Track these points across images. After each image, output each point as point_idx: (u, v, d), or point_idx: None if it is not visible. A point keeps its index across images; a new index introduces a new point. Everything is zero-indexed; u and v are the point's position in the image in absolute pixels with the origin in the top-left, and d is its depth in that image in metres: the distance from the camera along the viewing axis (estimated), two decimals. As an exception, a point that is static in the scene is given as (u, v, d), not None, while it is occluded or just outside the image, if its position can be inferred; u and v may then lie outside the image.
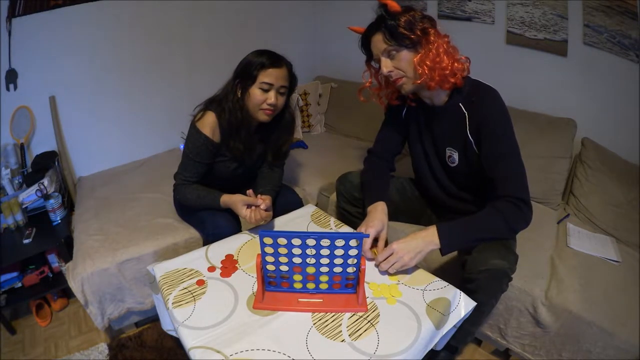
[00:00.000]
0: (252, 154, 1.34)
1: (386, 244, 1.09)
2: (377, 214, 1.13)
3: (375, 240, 1.10)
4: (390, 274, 1.01)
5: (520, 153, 1.07)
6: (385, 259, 1.00)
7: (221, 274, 1.01)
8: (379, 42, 1.05)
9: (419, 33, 1.02)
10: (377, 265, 1.02)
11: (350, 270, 0.89)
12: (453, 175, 1.24)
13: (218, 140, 1.26)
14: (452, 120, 1.13)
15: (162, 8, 2.03)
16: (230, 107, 1.21)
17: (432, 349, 0.90)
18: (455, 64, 1.03)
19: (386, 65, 1.06)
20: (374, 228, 1.08)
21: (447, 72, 1.02)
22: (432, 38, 1.02)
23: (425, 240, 1.01)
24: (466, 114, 1.10)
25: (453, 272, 1.12)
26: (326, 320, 0.87)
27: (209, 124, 1.23)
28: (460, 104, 1.11)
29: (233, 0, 2.27)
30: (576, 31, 1.60)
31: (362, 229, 1.10)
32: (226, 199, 1.23)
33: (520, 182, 1.04)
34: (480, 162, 1.10)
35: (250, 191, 1.20)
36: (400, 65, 1.05)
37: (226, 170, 1.34)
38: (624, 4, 1.43)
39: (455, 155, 1.17)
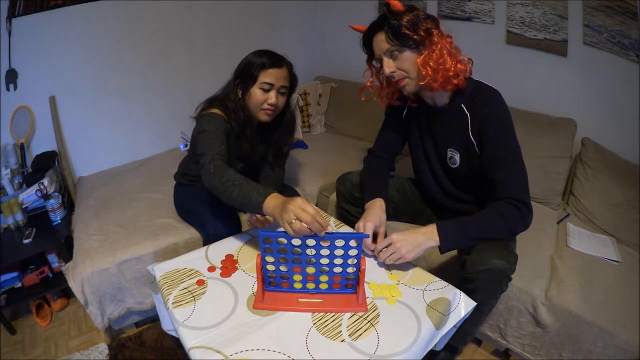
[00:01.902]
0: (255, 153, 1.34)
1: None
2: (375, 209, 1.13)
3: (375, 237, 1.09)
4: (387, 267, 1.01)
5: (522, 154, 1.06)
6: (383, 249, 1.00)
7: (221, 274, 1.01)
8: (381, 41, 1.04)
9: (422, 33, 1.00)
10: (376, 255, 1.02)
11: (350, 270, 0.89)
12: (454, 177, 1.23)
13: None
14: (453, 121, 1.13)
15: (162, 8, 2.03)
16: (233, 106, 1.21)
17: (432, 349, 0.90)
18: (459, 65, 1.02)
19: (388, 66, 1.05)
20: (371, 222, 1.08)
21: (451, 73, 1.01)
22: (435, 39, 1.01)
23: (425, 235, 1.00)
24: (468, 116, 1.09)
25: (453, 272, 1.12)
26: (326, 320, 0.87)
27: (218, 113, 1.21)
28: (462, 105, 1.10)
29: (233, 0, 2.27)
30: (576, 31, 1.60)
31: (360, 223, 1.09)
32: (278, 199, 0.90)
33: (522, 184, 1.04)
34: (481, 164, 1.10)
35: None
36: (403, 65, 1.04)
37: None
38: (624, 4, 1.43)
39: (457, 157, 1.17)
